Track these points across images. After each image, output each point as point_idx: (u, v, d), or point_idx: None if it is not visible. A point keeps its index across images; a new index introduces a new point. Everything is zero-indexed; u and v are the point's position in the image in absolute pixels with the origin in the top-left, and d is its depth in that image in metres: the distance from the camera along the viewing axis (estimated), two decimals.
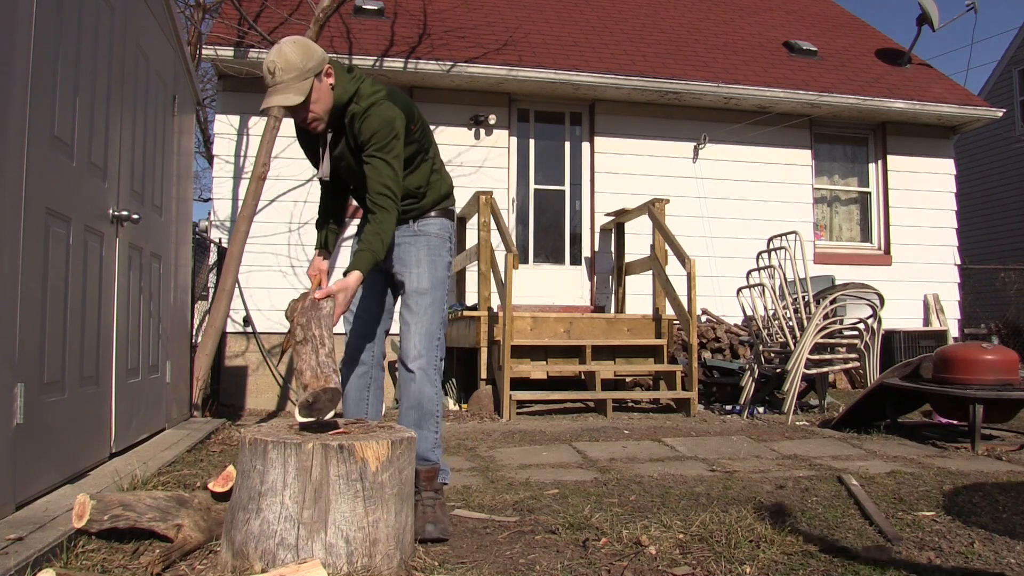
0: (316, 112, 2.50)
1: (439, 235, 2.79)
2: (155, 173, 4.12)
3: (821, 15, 11.07)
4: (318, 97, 2.47)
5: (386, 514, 1.98)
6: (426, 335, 2.66)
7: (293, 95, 2.42)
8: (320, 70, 2.47)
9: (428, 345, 2.66)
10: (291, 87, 2.42)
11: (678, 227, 7.29)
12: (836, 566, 2.13)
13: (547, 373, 6.32)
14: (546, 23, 8.94)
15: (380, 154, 2.49)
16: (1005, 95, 13.54)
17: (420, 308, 2.67)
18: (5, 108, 2.31)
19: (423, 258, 2.73)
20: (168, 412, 4.39)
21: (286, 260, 7.37)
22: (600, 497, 2.99)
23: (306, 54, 2.44)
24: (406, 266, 2.72)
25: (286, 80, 2.41)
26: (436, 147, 2.86)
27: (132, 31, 3.64)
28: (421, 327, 2.66)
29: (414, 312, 2.67)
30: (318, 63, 2.46)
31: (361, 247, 2.50)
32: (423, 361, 2.64)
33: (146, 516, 2.16)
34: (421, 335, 2.66)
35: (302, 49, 2.44)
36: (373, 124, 2.50)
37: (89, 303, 3.07)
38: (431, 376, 2.66)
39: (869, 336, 5.72)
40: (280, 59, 2.41)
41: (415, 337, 2.65)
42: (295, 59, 2.41)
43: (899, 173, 8.93)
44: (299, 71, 2.41)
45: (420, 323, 2.66)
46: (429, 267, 2.72)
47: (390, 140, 2.50)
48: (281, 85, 2.42)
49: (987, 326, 10.44)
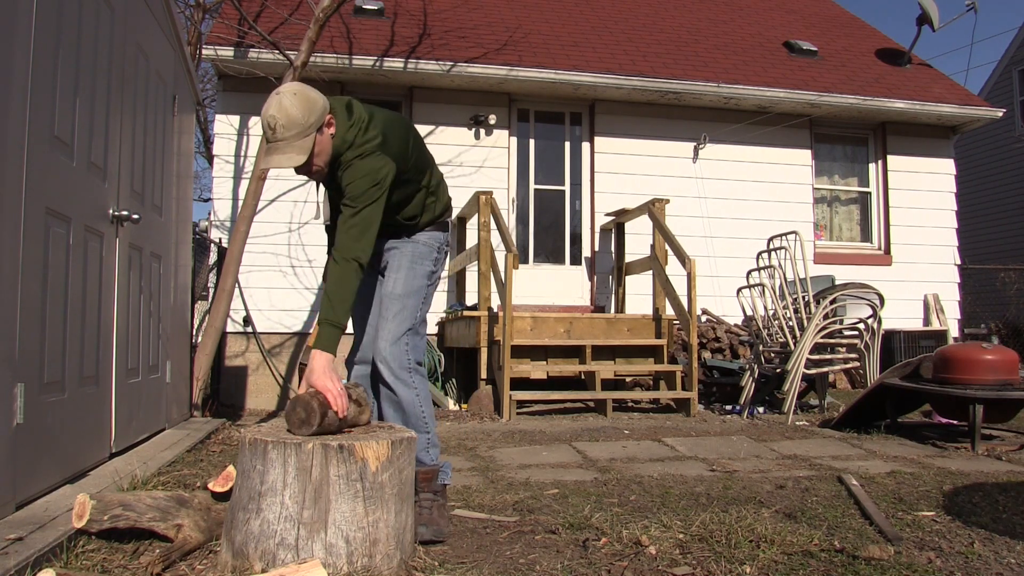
0: (319, 165, 2.44)
1: (427, 243, 2.80)
2: (155, 173, 4.12)
3: (821, 15, 11.07)
4: (320, 150, 2.41)
5: (386, 514, 1.98)
6: (392, 339, 2.64)
7: (296, 155, 2.35)
8: (322, 123, 2.39)
9: (395, 350, 2.64)
10: (293, 145, 2.35)
11: (678, 227, 7.30)
12: (836, 566, 2.13)
13: (547, 373, 6.31)
14: (546, 23, 8.94)
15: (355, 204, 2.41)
16: (1005, 95, 13.54)
17: (390, 313, 2.66)
18: (5, 108, 2.31)
19: (404, 264, 2.73)
20: (168, 412, 4.39)
21: (286, 260, 7.37)
22: (600, 497, 2.99)
23: (308, 108, 2.35)
24: (388, 272, 2.73)
25: (287, 138, 2.34)
26: (434, 166, 2.83)
27: (132, 31, 3.64)
28: (387, 332, 2.64)
29: (384, 316, 2.66)
30: (320, 116, 2.38)
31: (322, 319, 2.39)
32: (391, 364, 2.62)
33: (146, 516, 2.17)
34: (387, 339, 2.63)
35: (303, 103, 2.35)
36: (353, 175, 2.43)
37: (89, 303, 3.07)
38: (402, 377, 2.63)
39: (869, 336, 5.72)
40: (281, 115, 2.32)
41: (382, 341, 2.63)
42: (297, 115, 2.32)
43: (899, 173, 8.93)
44: (301, 127, 2.33)
45: (387, 327, 2.65)
46: (408, 273, 2.72)
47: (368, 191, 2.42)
48: (283, 143, 2.34)
49: (987, 326, 10.44)
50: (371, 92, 7.52)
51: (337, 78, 7.40)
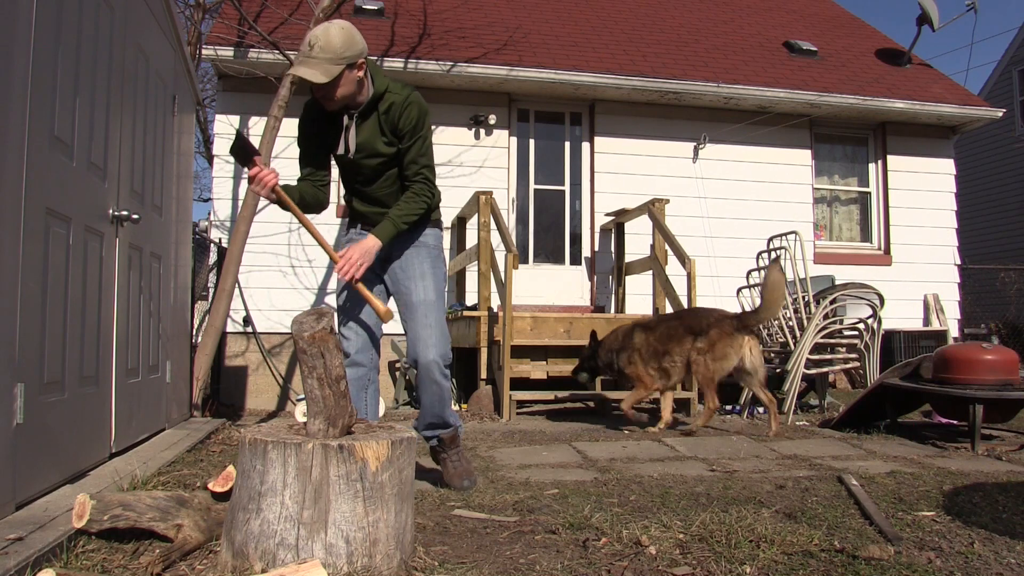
0: (339, 96, 2.68)
1: (436, 246, 3.04)
2: (155, 173, 4.12)
3: (821, 15, 11.07)
4: (344, 85, 2.66)
5: (386, 514, 1.98)
6: (443, 339, 2.92)
7: (321, 74, 2.58)
8: (355, 62, 2.64)
9: (445, 348, 2.93)
10: (321, 66, 2.58)
11: (678, 227, 7.29)
12: (836, 566, 2.13)
13: (547, 373, 6.31)
14: (546, 23, 8.94)
15: (424, 135, 2.82)
16: (1005, 95, 13.54)
17: (431, 319, 2.91)
18: (5, 108, 2.31)
19: (427, 271, 2.96)
20: (168, 412, 4.39)
21: (286, 260, 7.37)
22: (600, 497, 2.99)
23: (348, 43, 2.62)
24: (411, 278, 2.95)
25: (320, 58, 2.58)
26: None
27: (132, 31, 3.64)
28: (439, 333, 2.91)
29: (423, 323, 2.90)
30: (355, 54, 2.64)
31: (390, 217, 2.79)
32: (441, 364, 2.91)
33: (146, 516, 2.16)
34: (439, 344, 2.90)
35: (346, 37, 2.62)
36: (417, 111, 2.79)
37: (89, 303, 3.07)
38: (446, 374, 2.94)
39: (869, 336, 5.72)
40: (323, 37, 2.59)
41: (434, 347, 2.88)
42: (336, 43, 2.59)
43: (899, 173, 8.93)
44: (335, 55, 2.59)
45: (434, 332, 2.90)
46: (433, 279, 2.96)
47: (428, 127, 2.84)
48: (313, 61, 2.58)
49: (987, 326, 10.44)
50: None
51: None
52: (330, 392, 2.03)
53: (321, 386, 2.03)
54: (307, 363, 2.03)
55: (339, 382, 2.05)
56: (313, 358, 2.02)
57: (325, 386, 2.03)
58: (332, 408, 2.04)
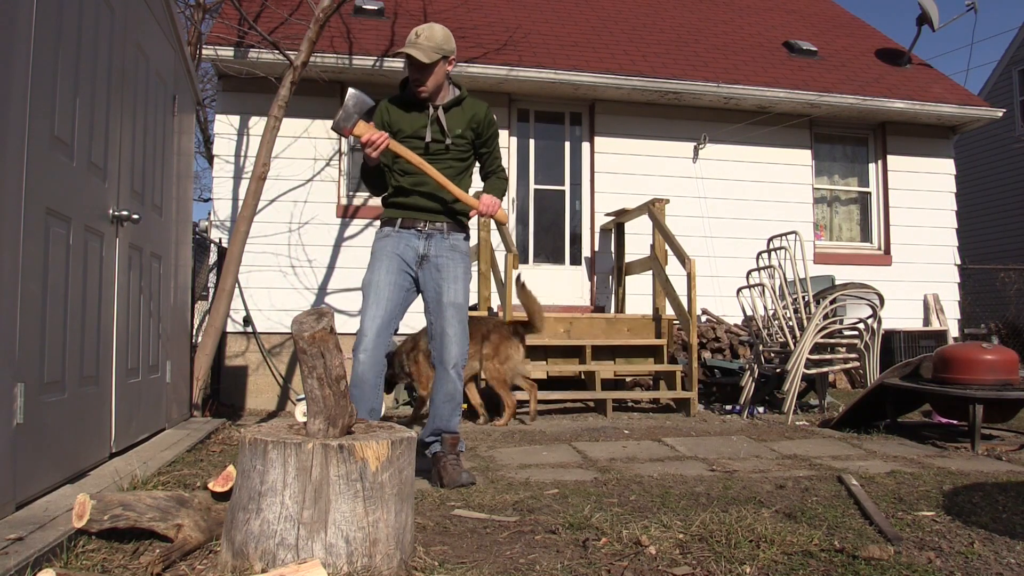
0: (428, 83, 3.13)
1: (467, 253, 3.34)
2: (155, 173, 4.12)
3: (821, 15, 11.07)
4: (436, 74, 3.13)
5: (386, 514, 1.98)
6: (464, 340, 3.22)
7: (425, 56, 3.05)
8: (449, 56, 3.14)
9: (464, 351, 3.23)
10: (425, 51, 3.05)
11: (678, 227, 7.29)
12: (836, 566, 2.13)
13: (547, 373, 6.32)
14: (546, 23, 8.94)
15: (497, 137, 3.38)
16: (1005, 95, 13.54)
17: (457, 320, 3.20)
18: (5, 108, 2.31)
19: (460, 275, 3.26)
20: (168, 412, 4.39)
21: (286, 260, 7.37)
22: (600, 497, 2.99)
23: (446, 38, 3.13)
24: (446, 279, 3.23)
25: (425, 45, 3.06)
26: None
27: (132, 31, 3.64)
28: (461, 336, 3.20)
29: (454, 322, 3.19)
30: (450, 50, 3.14)
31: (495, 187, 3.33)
32: (461, 365, 3.20)
33: (146, 516, 2.16)
34: (461, 343, 3.20)
35: (446, 34, 3.14)
36: (494, 119, 3.35)
37: (89, 303, 3.07)
38: (462, 375, 3.24)
39: (869, 336, 5.72)
40: (428, 31, 3.09)
41: (457, 345, 3.19)
42: (439, 37, 3.10)
43: (899, 173, 8.93)
44: (436, 46, 3.08)
45: (460, 333, 3.20)
46: (464, 284, 3.27)
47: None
48: (419, 46, 3.05)
49: (987, 326, 10.44)
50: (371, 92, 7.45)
51: (337, 78, 7.40)
52: (330, 392, 2.03)
53: (321, 386, 2.03)
54: (307, 363, 2.03)
55: (339, 382, 2.05)
56: (313, 358, 2.02)
57: (325, 386, 2.03)
58: (332, 408, 2.04)
